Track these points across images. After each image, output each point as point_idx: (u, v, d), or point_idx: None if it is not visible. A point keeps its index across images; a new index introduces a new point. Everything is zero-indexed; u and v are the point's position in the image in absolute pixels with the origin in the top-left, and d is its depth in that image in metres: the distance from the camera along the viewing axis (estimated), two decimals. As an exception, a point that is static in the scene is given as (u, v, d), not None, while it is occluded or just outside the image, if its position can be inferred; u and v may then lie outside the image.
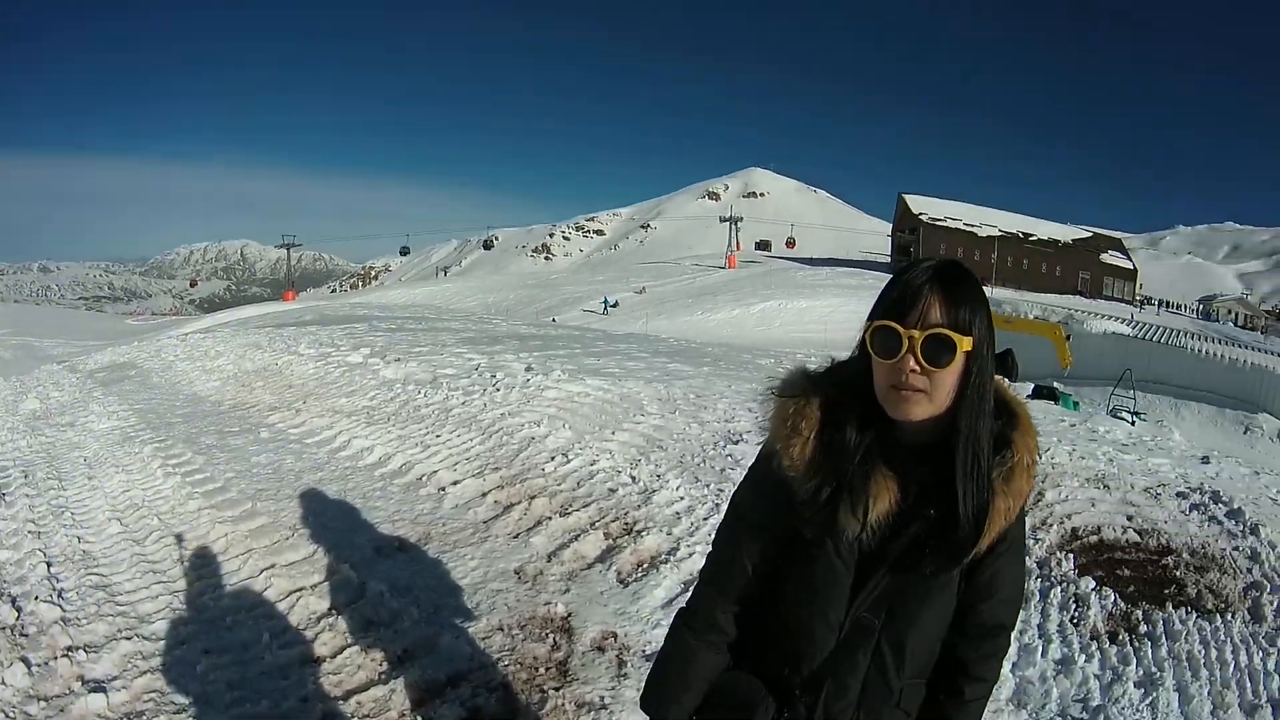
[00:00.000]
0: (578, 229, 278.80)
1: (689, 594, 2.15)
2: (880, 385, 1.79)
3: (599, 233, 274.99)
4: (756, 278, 75.99)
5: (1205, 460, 10.76)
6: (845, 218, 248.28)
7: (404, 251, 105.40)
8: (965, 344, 1.74)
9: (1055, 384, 25.12)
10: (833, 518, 1.80)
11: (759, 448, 2.00)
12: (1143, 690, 4.82)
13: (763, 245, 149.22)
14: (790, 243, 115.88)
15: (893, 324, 1.75)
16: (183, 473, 7.96)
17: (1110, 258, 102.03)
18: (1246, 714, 4.78)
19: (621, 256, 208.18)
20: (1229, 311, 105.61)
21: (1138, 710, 4.64)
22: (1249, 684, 4.99)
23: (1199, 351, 33.52)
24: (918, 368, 1.73)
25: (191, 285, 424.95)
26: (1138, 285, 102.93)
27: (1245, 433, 27.21)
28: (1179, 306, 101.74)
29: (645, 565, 5.81)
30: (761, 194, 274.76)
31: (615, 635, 4.91)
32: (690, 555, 5.86)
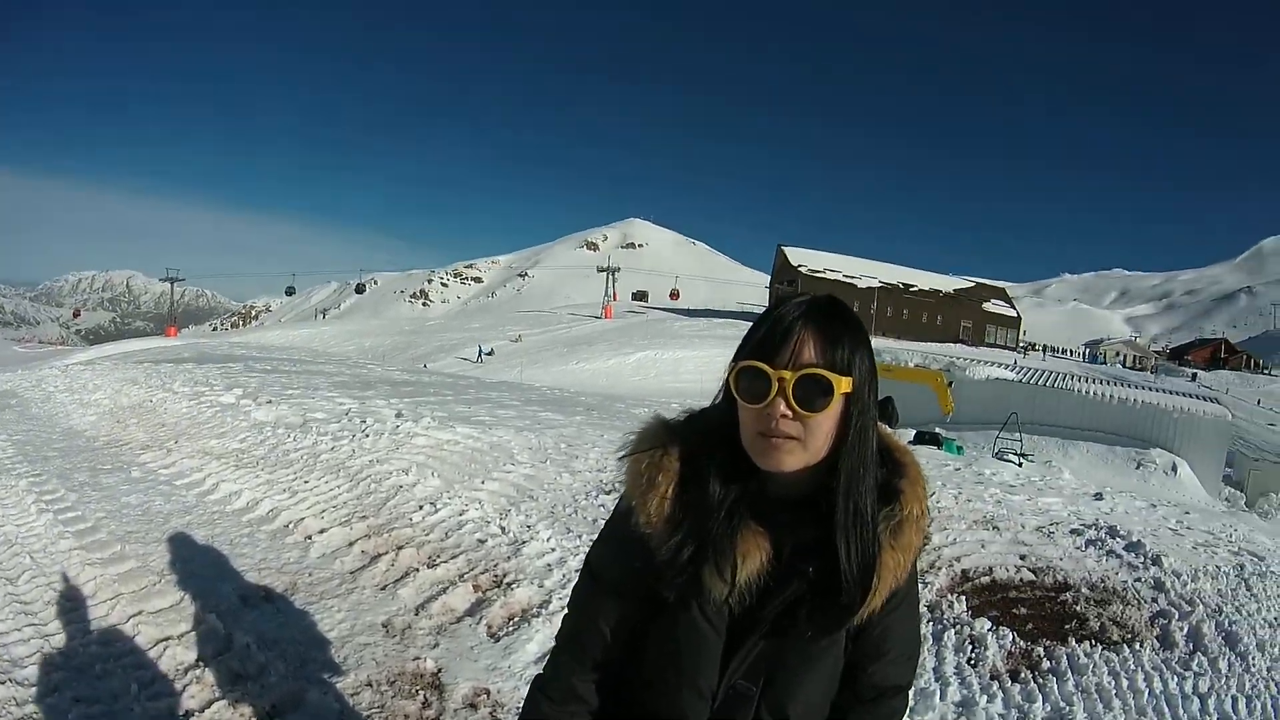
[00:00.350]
0: (456, 275, 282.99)
1: (545, 660, 2.03)
2: (748, 433, 1.67)
3: (477, 279, 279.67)
4: (633, 327, 77.87)
5: (1099, 496, 10.99)
6: (723, 269, 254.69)
7: (289, 292, 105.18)
8: (844, 385, 1.64)
9: (937, 429, 25.93)
10: (697, 579, 1.69)
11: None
12: (1052, 727, 4.80)
13: (640, 296, 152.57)
14: (674, 294, 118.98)
15: (760, 364, 1.63)
16: (55, 510, 7.85)
17: (993, 306, 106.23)
18: (1168, 738, 4.83)
19: (499, 304, 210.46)
20: (1117, 354, 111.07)
21: (1048, 748, 4.57)
22: (1167, 709, 5.07)
23: (1087, 392, 34.82)
24: (789, 413, 1.62)
25: (75, 316, 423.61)
26: (1021, 332, 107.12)
27: (1138, 468, 28.18)
28: (1065, 351, 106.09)
29: (516, 619, 5.77)
30: (640, 244, 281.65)
31: (488, 692, 4.86)
32: (563, 608, 5.74)
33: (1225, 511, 19.54)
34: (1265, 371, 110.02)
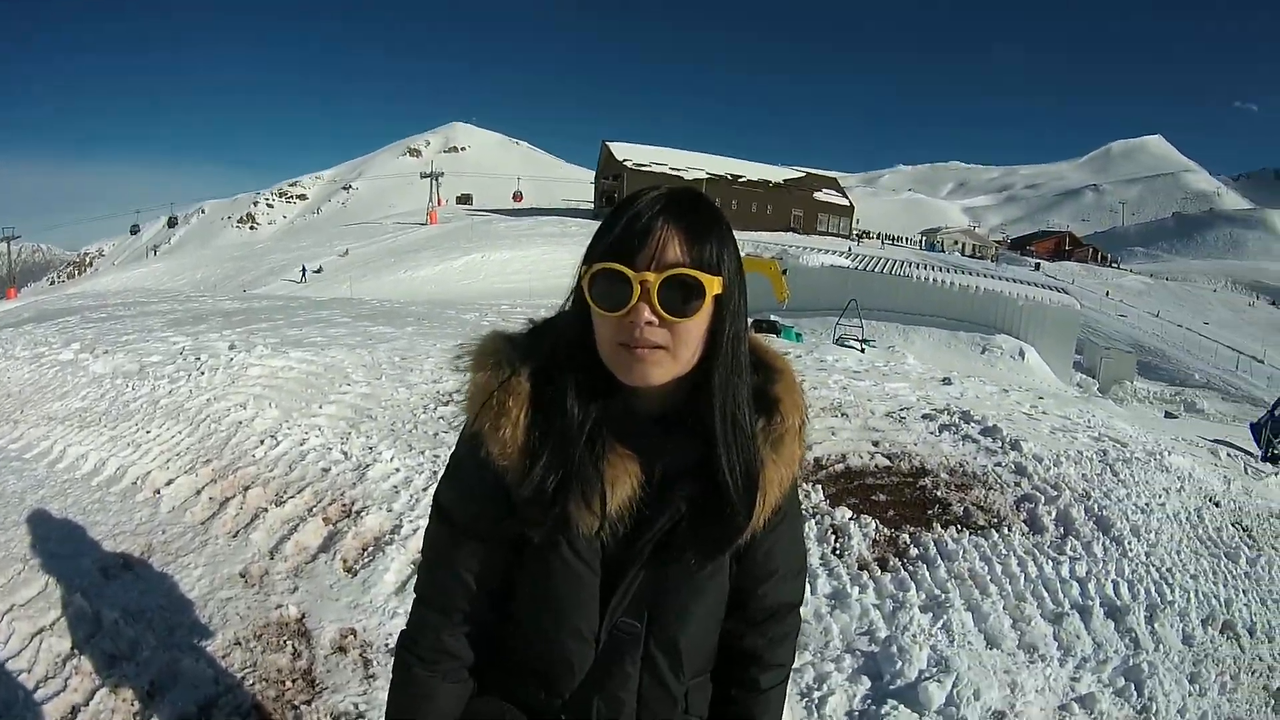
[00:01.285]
0: (280, 195, 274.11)
1: (409, 614, 1.83)
2: (606, 344, 1.53)
3: (301, 197, 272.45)
4: (458, 231, 77.28)
5: (947, 381, 11.32)
6: (547, 168, 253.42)
7: (134, 230, 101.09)
8: (715, 286, 1.51)
9: (773, 317, 26.60)
10: (563, 514, 1.55)
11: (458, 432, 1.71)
12: (930, 614, 4.97)
13: (464, 199, 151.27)
14: (518, 196, 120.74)
15: (619, 266, 1.48)
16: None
17: (825, 195, 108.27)
18: (1052, 622, 5.05)
19: (325, 220, 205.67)
20: (955, 243, 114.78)
21: (931, 635, 4.78)
22: (1046, 594, 5.29)
23: (927, 279, 35.77)
24: (655, 319, 1.48)
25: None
26: (854, 221, 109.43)
27: (983, 353, 29.39)
28: (901, 239, 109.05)
29: (370, 549, 5.72)
30: (463, 148, 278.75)
31: (354, 632, 4.84)
32: (415, 532, 5.85)
33: (1079, 397, 20.44)
34: (1114, 265, 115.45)
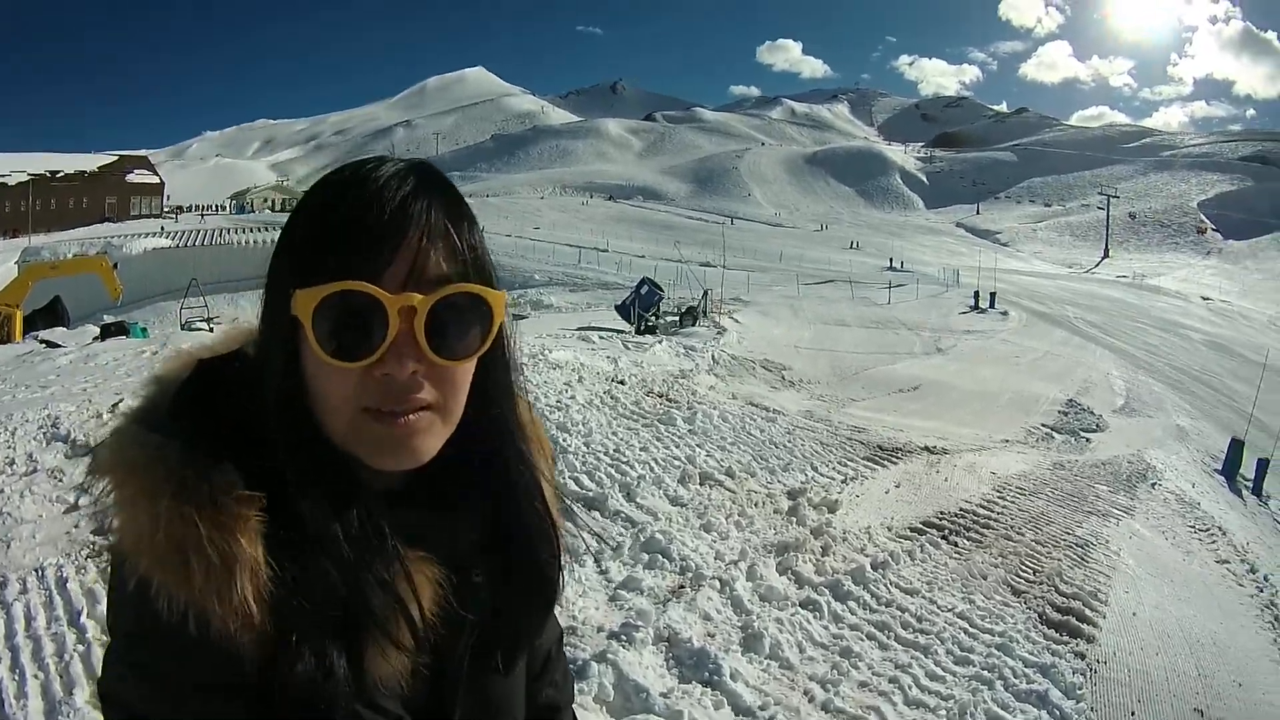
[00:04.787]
0: None
1: None
2: (341, 411, 0.99)
3: None
4: None
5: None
6: None
7: None
8: (499, 303, 1.05)
9: (119, 319, 26.65)
10: (358, 673, 0.99)
11: (117, 604, 0.99)
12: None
13: None
14: None
15: (366, 287, 0.95)
16: None
17: (137, 177, 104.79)
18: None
19: None
20: (265, 200, 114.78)
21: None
22: None
23: (244, 242, 36.31)
24: (421, 365, 0.99)
25: None
26: (165, 198, 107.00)
27: None
28: (213, 208, 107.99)
29: None
30: None
31: None
32: None
33: None
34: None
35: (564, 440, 10.40)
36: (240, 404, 1.02)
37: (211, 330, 20.15)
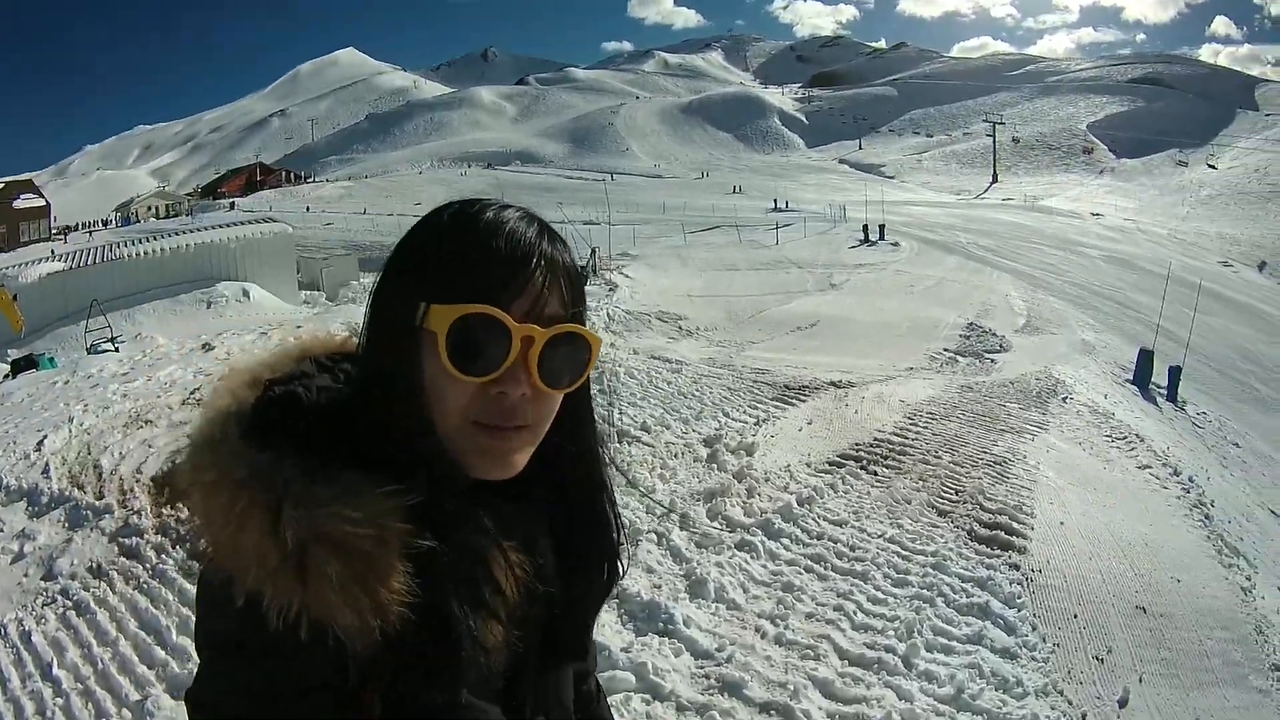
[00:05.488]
0: None
1: None
2: (454, 420, 1.08)
3: None
4: None
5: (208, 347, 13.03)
6: None
7: None
8: (597, 346, 1.17)
9: (13, 352, 25.60)
10: (455, 660, 1.06)
11: (219, 619, 1.04)
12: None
13: None
14: None
15: (498, 314, 1.04)
16: None
17: (24, 202, 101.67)
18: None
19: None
20: (149, 209, 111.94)
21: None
22: None
23: (136, 255, 35.27)
24: (529, 390, 1.08)
25: None
26: (52, 219, 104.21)
27: (209, 307, 30.87)
28: (100, 223, 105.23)
29: None
30: None
31: None
32: None
33: (317, 314, 22.55)
34: (309, 180, 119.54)
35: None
36: (330, 420, 1.08)
37: (117, 349, 20.49)
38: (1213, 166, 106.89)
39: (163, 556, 7.53)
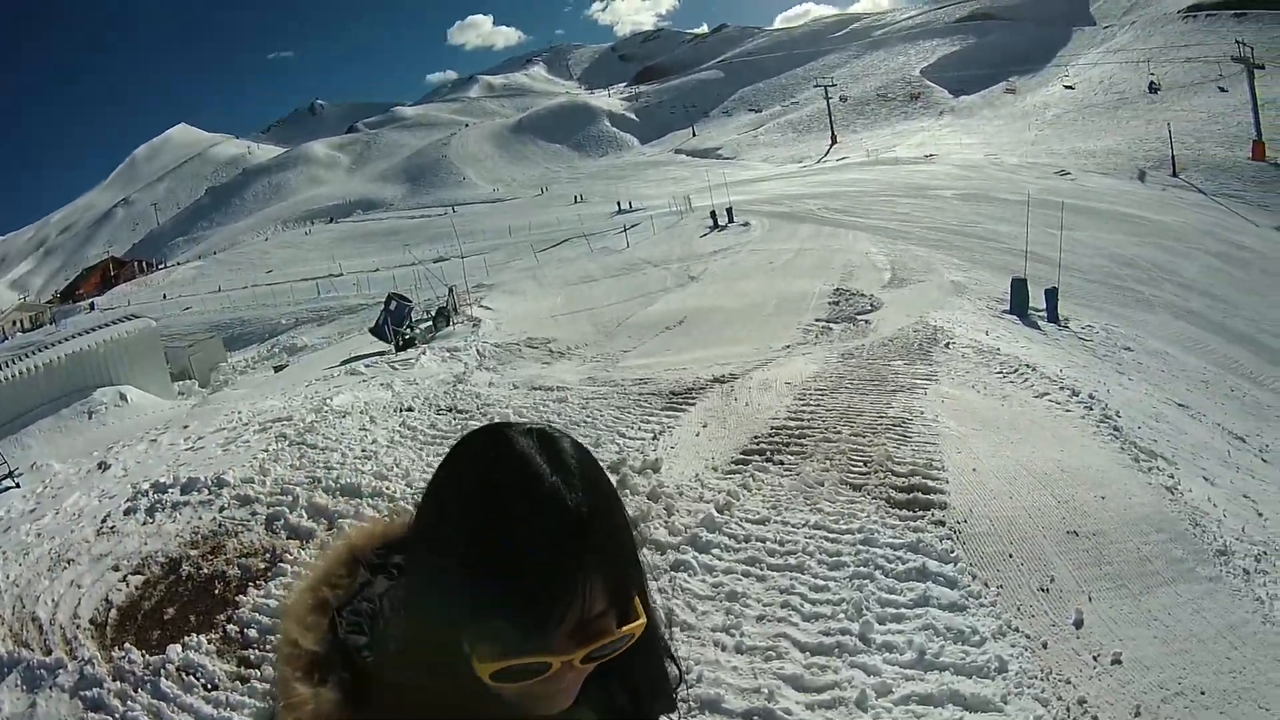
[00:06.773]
0: None
1: None
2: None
3: None
4: None
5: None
6: None
7: None
8: (642, 620, 1.07)
9: None
10: None
11: None
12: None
13: None
14: None
15: (542, 660, 0.99)
16: None
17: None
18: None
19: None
20: (14, 324, 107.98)
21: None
22: None
23: (9, 378, 34.24)
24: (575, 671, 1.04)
25: None
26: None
27: (91, 417, 29.66)
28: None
29: None
30: None
31: None
32: None
33: (198, 407, 22.00)
34: (161, 266, 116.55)
35: (388, 488, 10.44)
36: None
37: (19, 486, 18.54)
38: (1069, 87, 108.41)
39: (129, 703, 7.38)
